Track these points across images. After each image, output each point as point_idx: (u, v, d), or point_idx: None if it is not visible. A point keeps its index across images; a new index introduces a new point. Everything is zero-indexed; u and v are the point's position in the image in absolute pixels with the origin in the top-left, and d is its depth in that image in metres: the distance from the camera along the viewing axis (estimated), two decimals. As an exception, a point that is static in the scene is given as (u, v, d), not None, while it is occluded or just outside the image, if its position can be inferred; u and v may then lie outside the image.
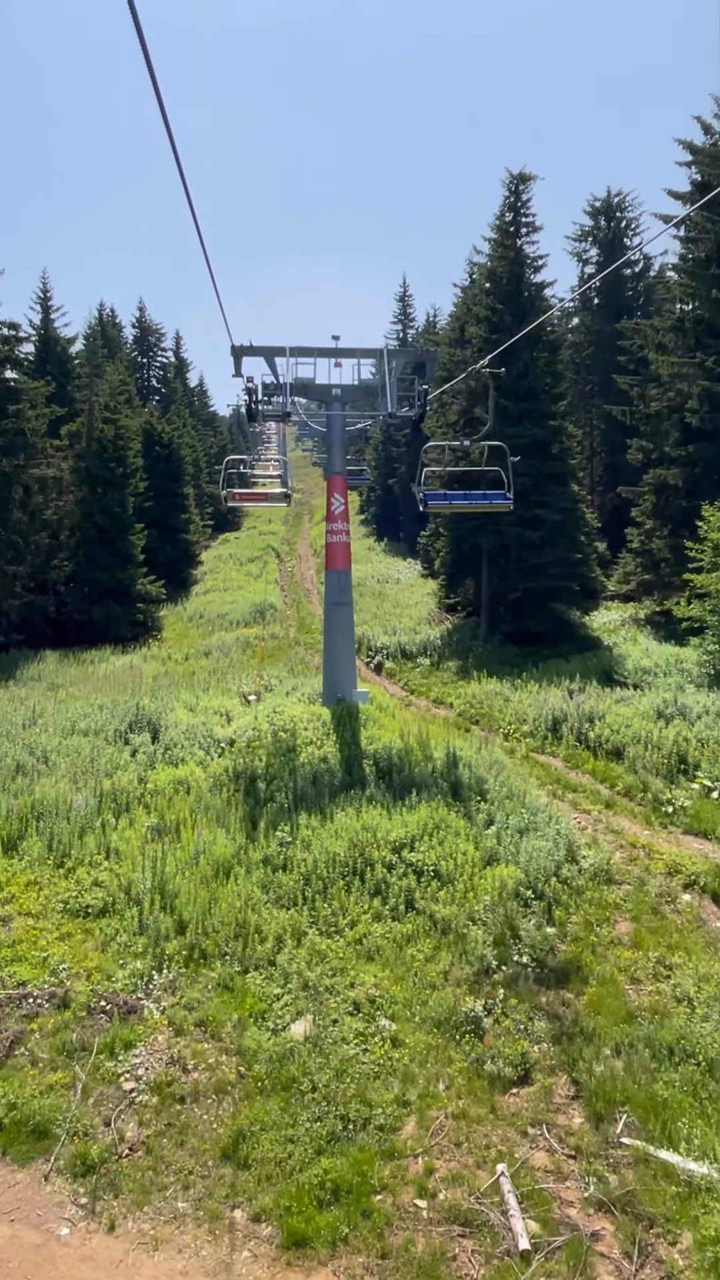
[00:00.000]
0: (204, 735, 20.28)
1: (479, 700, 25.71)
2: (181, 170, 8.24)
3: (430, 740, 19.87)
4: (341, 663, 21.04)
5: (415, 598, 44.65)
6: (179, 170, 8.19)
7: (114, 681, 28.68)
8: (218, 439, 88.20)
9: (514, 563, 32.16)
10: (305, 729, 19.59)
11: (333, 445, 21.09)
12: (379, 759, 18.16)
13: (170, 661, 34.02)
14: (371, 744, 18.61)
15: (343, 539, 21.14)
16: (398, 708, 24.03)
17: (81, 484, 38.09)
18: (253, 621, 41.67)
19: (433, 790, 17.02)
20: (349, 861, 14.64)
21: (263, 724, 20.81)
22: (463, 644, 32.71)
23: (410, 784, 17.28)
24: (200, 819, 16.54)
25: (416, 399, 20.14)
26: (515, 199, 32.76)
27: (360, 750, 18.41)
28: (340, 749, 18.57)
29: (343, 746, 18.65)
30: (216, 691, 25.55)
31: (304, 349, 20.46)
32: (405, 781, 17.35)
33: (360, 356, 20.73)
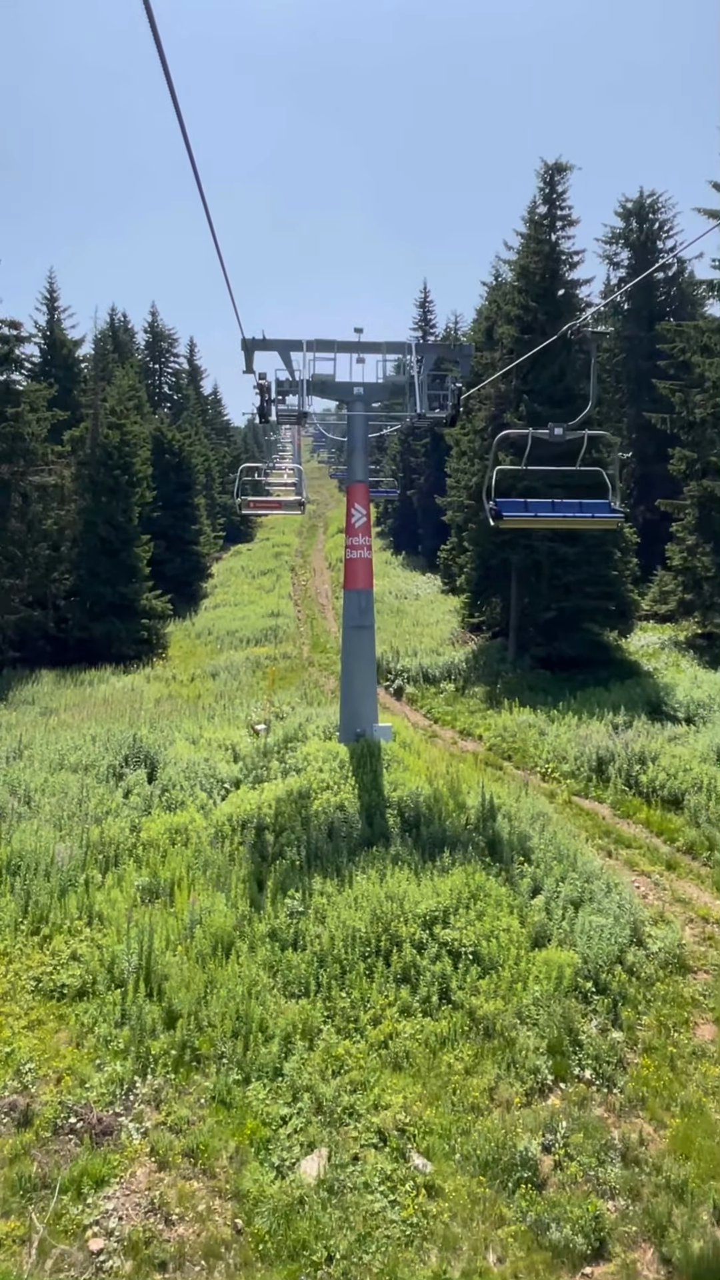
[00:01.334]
0: (206, 774, 18.18)
1: (511, 733, 23.48)
2: (192, 155, 6.45)
3: (462, 784, 17.67)
4: (361, 694, 18.91)
5: (436, 615, 42.46)
6: (190, 158, 6.50)
7: (112, 706, 26.63)
8: (231, 448, 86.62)
9: (546, 580, 29.96)
10: (320, 770, 17.43)
11: (354, 450, 19.04)
12: (404, 808, 15.98)
13: (175, 683, 31.97)
14: (396, 790, 16.43)
15: (364, 554, 19.05)
16: (422, 742, 21.84)
17: (84, 492, 36.22)
18: (264, 639, 39.60)
19: (467, 848, 14.83)
20: (371, 939, 12.47)
21: (272, 761, 18.67)
22: (489, 668, 30.49)
23: (441, 839, 15.09)
24: (198, 879, 14.42)
25: (449, 398, 18.07)
26: (550, 190, 30.78)
27: (383, 797, 16.23)
28: (360, 795, 16.40)
29: (363, 792, 16.48)
30: (222, 720, 23.46)
31: (323, 342, 18.46)
32: (435, 836, 15.16)
33: (385, 351, 18.70)
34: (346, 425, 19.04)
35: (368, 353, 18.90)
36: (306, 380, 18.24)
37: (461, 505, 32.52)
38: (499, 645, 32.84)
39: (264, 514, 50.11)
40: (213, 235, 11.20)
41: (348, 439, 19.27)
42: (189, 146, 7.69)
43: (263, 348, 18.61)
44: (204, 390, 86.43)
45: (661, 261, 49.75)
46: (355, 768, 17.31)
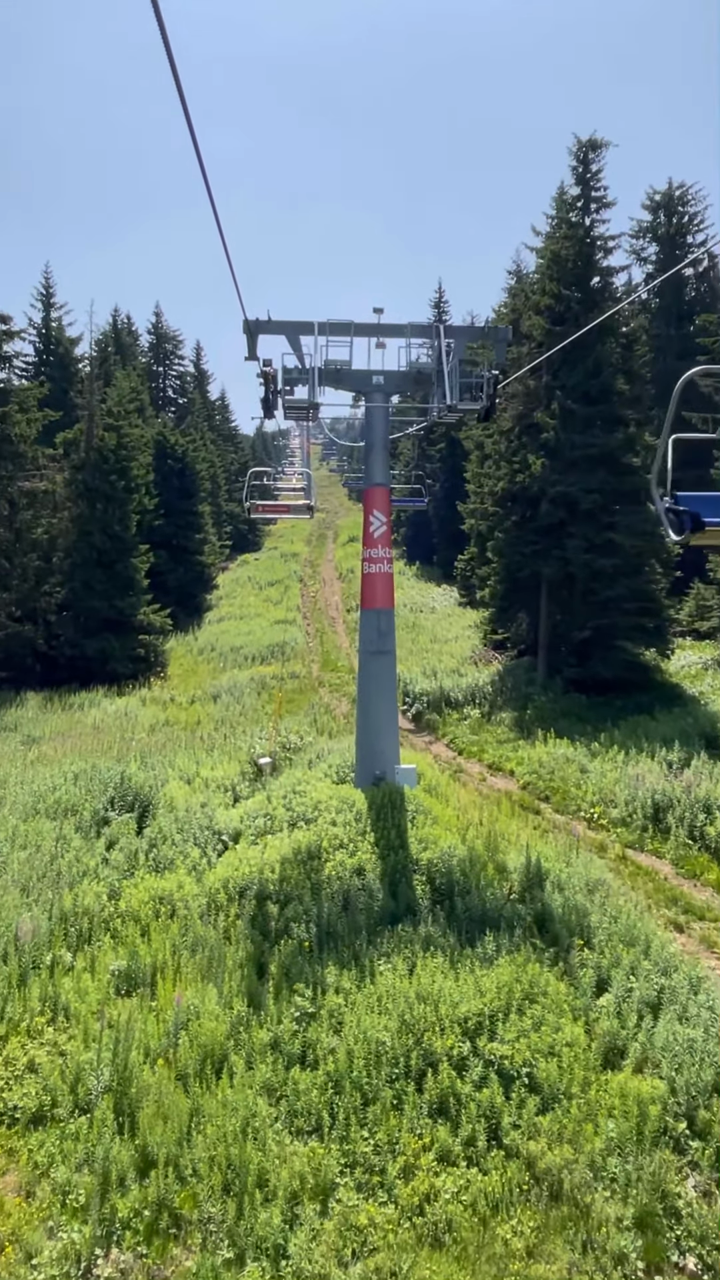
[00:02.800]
0: (201, 824, 15.77)
1: (548, 769, 21.00)
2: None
3: (499, 840, 15.21)
4: (381, 730, 16.48)
5: (454, 630, 40.03)
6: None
7: (102, 735, 24.27)
8: (239, 455, 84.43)
9: (580, 595, 27.51)
10: (333, 822, 14.98)
11: (372, 448, 16.65)
12: (434, 873, 13.50)
13: (173, 706, 29.60)
14: (424, 849, 13.96)
15: (384, 568, 16.65)
16: (450, 784, 19.35)
17: (78, 499, 33.98)
18: (270, 657, 37.22)
19: (513, 928, 12.35)
20: (399, 1055, 10.02)
21: (277, 809, 16.24)
22: (517, 691, 28.01)
23: (480, 915, 12.62)
24: (186, 963, 11.99)
25: (485, 387, 15.67)
26: (583, 169, 28.46)
27: (409, 859, 13.76)
28: (381, 855, 13.93)
29: (384, 851, 14.01)
30: (222, 754, 21.06)
31: (338, 324, 16.12)
32: (473, 910, 12.68)
33: (410, 335, 16.34)
34: (364, 419, 16.66)
35: (389, 336, 16.55)
36: (318, 368, 15.89)
37: (485, 512, 30.16)
38: (526, 665, 30.36)
39: (272, 517, 48.15)
40: (209, 196, 8.94)
41: (365, 435, 16.90)
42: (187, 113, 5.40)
43: (268, 330, 16.28)
44: (210, 395, 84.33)
45: (692, 256, 47.47)
46: (375, 820, 14.85)
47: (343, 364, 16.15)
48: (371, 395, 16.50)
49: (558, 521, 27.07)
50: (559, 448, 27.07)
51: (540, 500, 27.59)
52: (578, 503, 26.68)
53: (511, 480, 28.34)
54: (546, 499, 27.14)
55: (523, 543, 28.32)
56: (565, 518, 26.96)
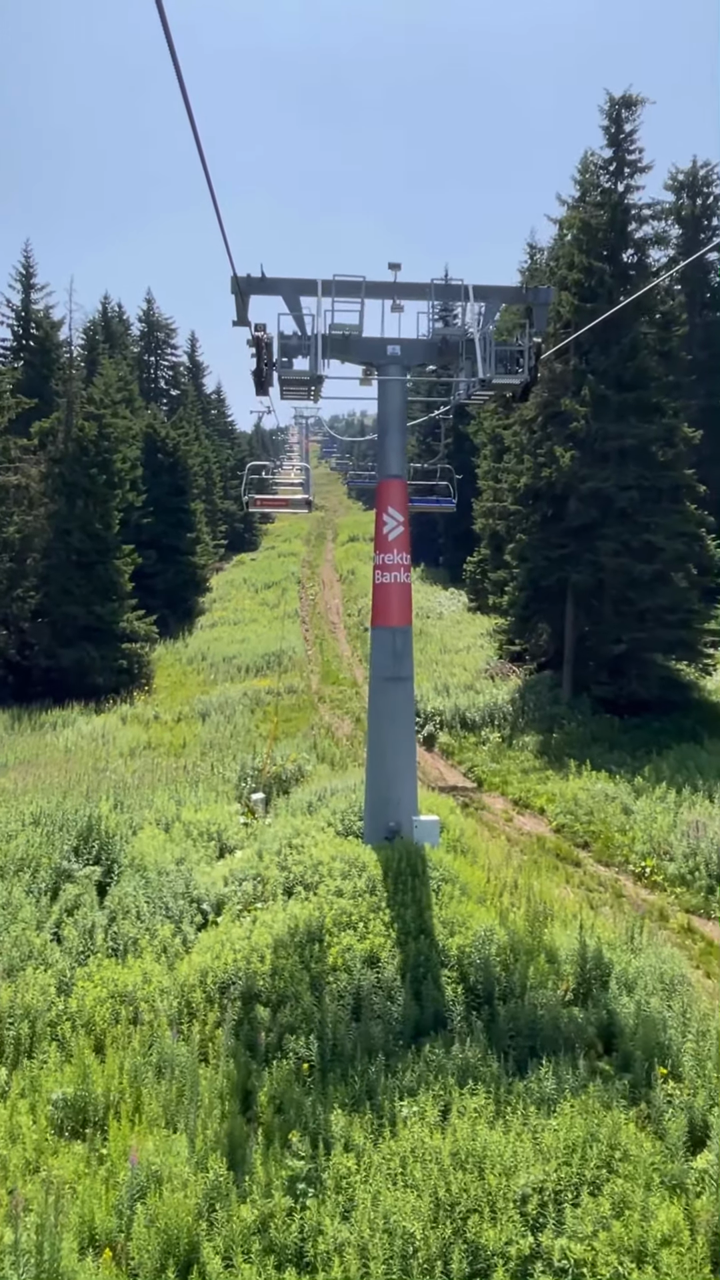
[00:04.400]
0: (177, 891, 13.08)
1: (584, 808, 18.36)
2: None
3: (543, 910, 12.55)
4: (397, 773, 13.80)
5: (466, 639, 37.35)
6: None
7: (74, 762, 21.59)
8: (235, 451, 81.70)
9: (612, 604, 24.85)
10: (339, 891, 12.29)
11: (387, 431, 13.99)
12: (468, 966, 10.82)
13: (156, 725, 26.94)
14: (454, 933, 11.28)
15: (400, 578, 13.97)
16: (475, 833, 16.64)
17: (55, 494, 31.31)
18: (266, 667, 34.56)
19: (572, 1045, 9.69)
20: (434, 1253, 7.37)
21: (269, 868, 13.57)
22: (541, 710, 25.37)
23: (531, 1027, 9.97)
24: (149, 1096, 9.31)
25: (524, 359, 13.02)
26: (616, 130, 25.82)
27: (435, 946, 11.08)
28: (399, 941, 11.25)
29: (404, 935, 11.33)
30: (208, 790, 18.38)
31: (346, 283, 13.44)
32: (519, 1020, 10.03)
33: (434, 297, 13.64)
34: (369, 418, 13.97)
35: (407, 298, 13.88)
36: (322, 335, 13.21)
37: (503, 511, 27.54)
38: (549, 681, 27.69)
39: (271, 511, 46.19)
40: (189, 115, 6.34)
41: (378, 416, 14.21)
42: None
43: (262, 290, 13.61)
44: (206, 389, 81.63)
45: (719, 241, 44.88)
46: (391, 889, 12.18)
47: (352, 329, 13.47)
48: (386, 368, 13.82)
49: (588, 522, 24.42)
50: (590, 439, 24.41)
51: (568, 498, 24.94)
52: (611, 501, 24.03)
53: (536, 475, 25.67)
54: (576, 496, 24.48)
55: (548, 545, 25.66)
56: (597, 517, 24.31)
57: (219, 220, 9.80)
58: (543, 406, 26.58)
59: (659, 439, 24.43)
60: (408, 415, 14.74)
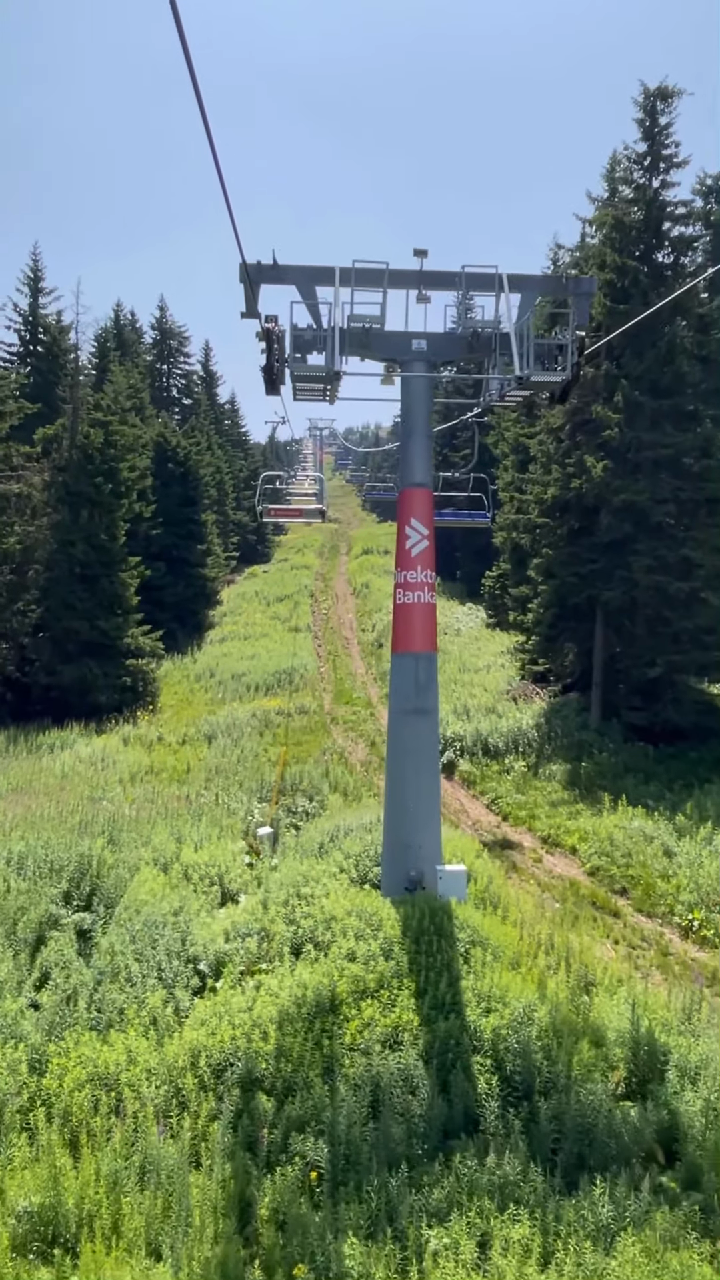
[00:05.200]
0: (171, 946, 11.71)
1: (620, 849, 16.91)
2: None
3: (588, 985, 11.11)
4: (419, 817, 12.42)
5: (485, 657, 35.94)
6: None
7: (70, 790, 20.32)
8: (249, 462, 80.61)
9: (645, 624, 23.41)
10: (353, 954, 10.89)
11: (411, 434, 12.70)
12: (503, 1051, 9.40)
13: (160, 748, 25.65)
14: (488, 1011, 9.88)
15: (424, 597, 12.63)
16: (504, 879, 15.19)
17: (59, 504, 30.17)
18: (276, 686, 33.22)
19: (628, 1150, 8.26)
20: None
21: (275, 921, 12.19)
22: (569, 737, 23.94)
23: (580, 1129, 8.55)
24: (129, 1212, 7.95)
25: (565, 354, 11.71)
26: (650, 123, 24.58)
27: (466, 1027, 9.67)
28: (425, 1018, 9.84)
29: (429, 1011, 9.93)
30: (211, 825, 17.03)
31: (367, 270, 12.19)
32: (565, 1120, 8.61)
33: (464, 287, 12.35)
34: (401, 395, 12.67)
35: (435, 288, 12.63)
36: (340, 329, 11.94)
37: (528, 524, 26.17)
38: (575, 704, 26.24)
39: (284, 521, 45.63)
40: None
41: (401, 418, 12.93)
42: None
43: (274, 279, 12.38)
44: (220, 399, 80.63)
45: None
46: (412, 953, 10.77)
47: (372, 322, 12.20)
48: (410, 365, 12.54)
49: (621, 536, 23.01)
50: (623, 448, 23.04)
51: (599, 510, 23.55)
52: (646, 514, 22.63)
53: (564, 486, 24.30)
54: (608, 509, 23.09)
55: (577, 561, 24.26)
56: (630, 532, 22.91)
57: (226, 198, 8.52)
58: (571, 414, 25.24)
59: (696, 448, 23.04)
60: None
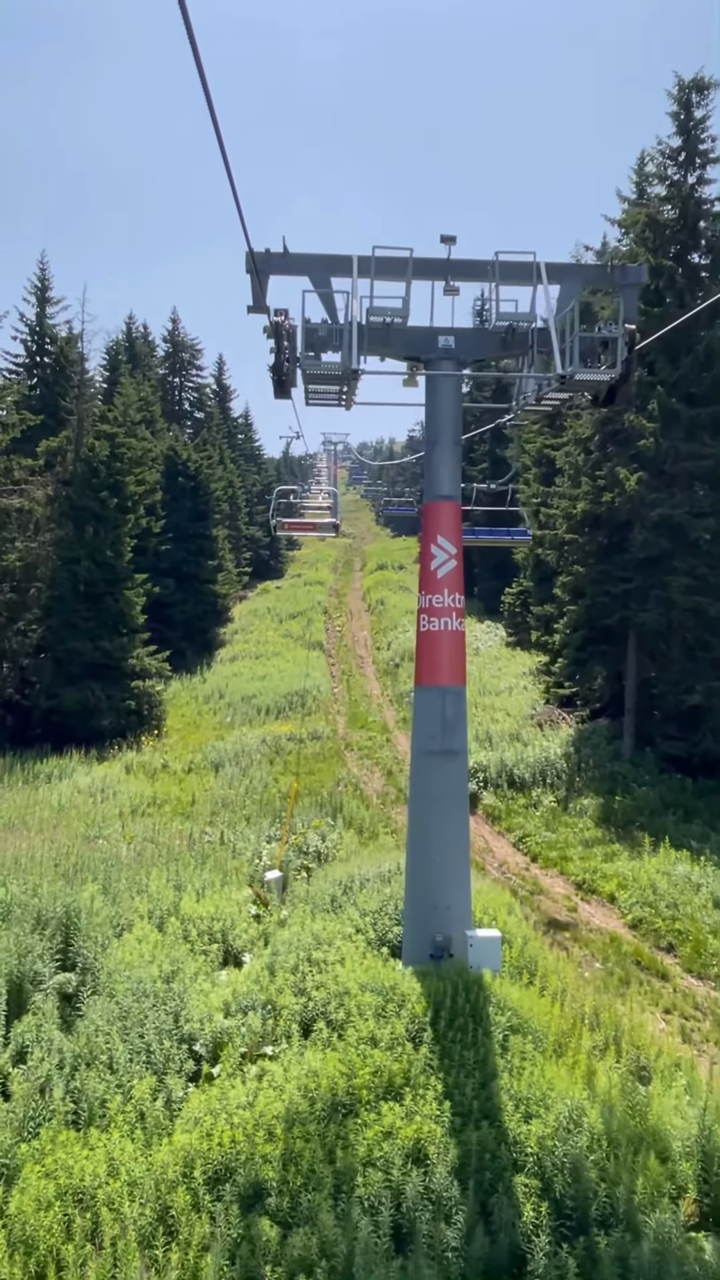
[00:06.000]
0: (161, 1024, 10.32)
1: (664, 897, 15.44)
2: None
3: (642, 1071, 9.66)
4: (446, 873, 11.03)
5: (507, 678, 34.49)
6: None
7: (66, 825, 19.02)
8: (262, 476, 79.66)
9: (683, 647, 21.97)
10: (372, 1039, 9.48)
11: (437, 440, 11.40)
12: (551, 1170, 7.97)
13: (164, 776, 24.38)
14: (530, 1117, 8.44)
15: (451, 624, 11.29)
16: (540, 942, 13.71)
17: (62, 519, 29.06)
18: (288, 709, 31.91)
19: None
20: None
21: (283, 992, 10.80)
22: (600, 768, 22.49)
23: (644, 1274, 7.06)
24: None
25: (613, 350, 10.40)
26: (685, 116, 23.36)
27: (505, 1137, 8.23)
28: (454, 1124, 8.40)
29: (460, 1115, 8.50)
30: (214, 869, 15.65)
31: (388, 259, 10.95)
32: (629, 1263, 7.13)
33: (498, 279, 11.04)
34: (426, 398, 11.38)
35: (464, 278, 11.35)
36: (358, 323, 10.67)
37: (556, 541, 24.80)
38: (605, 731, 24.77)
39: (297, 535, 45.14)
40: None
41: (426, 423, 11.62)
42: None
43: (284, 269, 11.14)
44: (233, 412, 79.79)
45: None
46: (439, 1038, 9.35)
47: (395, 315, 10.92)
48: (437, 363, 11.24)
49: (657, 553, 21.61)
50: (658, 459, 21.67)
51: (632, 525, 22.15)
52: (684, 529, 21.23)
53: (595, 500, 22.93)
54: (642, 524, 21.69)
55: (608, 579, 22.85)
56: (667, 548, 21.50)
57: (230, 180, 7.28)
58: (601, 424, 23.93)
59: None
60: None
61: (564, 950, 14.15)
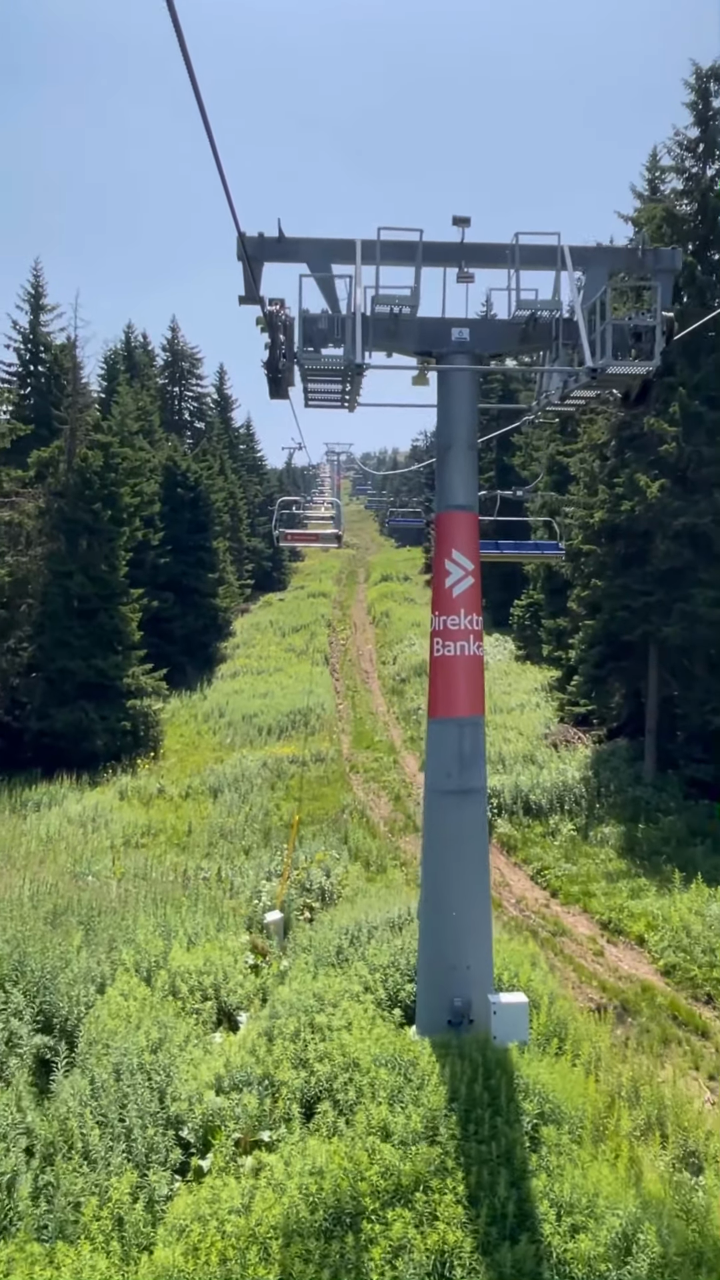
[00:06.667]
0: (146, 1103, 9.16)
1: (699, 941, 14.24)
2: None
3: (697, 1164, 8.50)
4: (464, 929, 9.89)
5: (518, 695, 33.32)
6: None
7: (52, 857, 17.91)
8: (264, 488, 78.73)
9: (708, 664, 20.81)
10: (384, 1128, 8.31)
11: (452, 444, 10.32)
12: (599, 1298, 6.75)
13: (160, 802, 23.26)
14: (574, 1230, 7.25)
15: (469, 649, 10.18)
16: (569, 998, 12.52)
17: (54, 532, 28.03)
18: (291, 728, 30.78)
19: None
20: None
21: (281, 1065, 9.63)
22: (621, 793, 21.33)
23: None
24: None
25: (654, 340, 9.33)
26: (704, 105, 22.36)
27: (544, 1254, 7.04)
28: (482, 1241, 7.22)
29: (489, 1229, 7.31)
30: (209, 912, 14.47)
31: (395, 242, 9.90)
32: None
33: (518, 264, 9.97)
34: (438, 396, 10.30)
35: (480, 264, 10.29)
36: (363, 315, 9.59)
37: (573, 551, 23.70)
38: (625, 752, 23.60)
39: (300, 546, 44.99)
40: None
41: (439, 425, 10.53)
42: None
43: (279, 256, 10.08)
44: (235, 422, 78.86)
45: None
46: (460, 1126, 8.18)
47: (403, 304, 9.85)
48: (450, 358, 10.16)
49: (680, 565, 20.49)
50: (681, 465, 20.58)
51: (654, 535, 21.02)
52: (709, 539, 20.12)
53: (613, 509, 21.81)
54: (664, 534, 20.56)
55: (628, 593, 21.70)
56: (691, 559, 20.39)
57: (215, 157, 6.27)
58: (617, 428, 22.85)
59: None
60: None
61: (592, 1003, 12.96)
